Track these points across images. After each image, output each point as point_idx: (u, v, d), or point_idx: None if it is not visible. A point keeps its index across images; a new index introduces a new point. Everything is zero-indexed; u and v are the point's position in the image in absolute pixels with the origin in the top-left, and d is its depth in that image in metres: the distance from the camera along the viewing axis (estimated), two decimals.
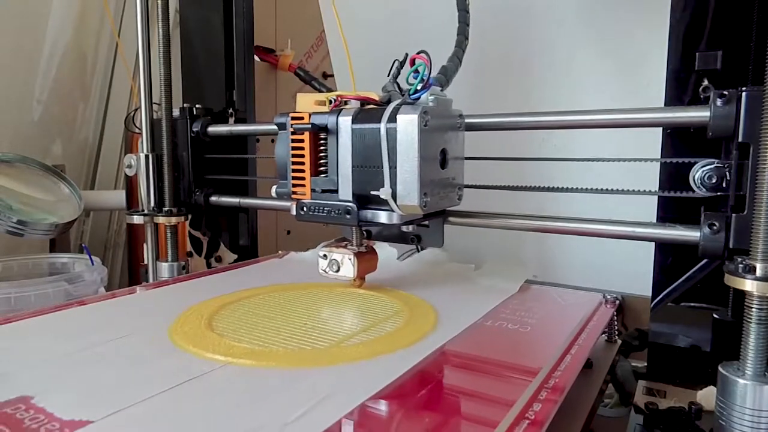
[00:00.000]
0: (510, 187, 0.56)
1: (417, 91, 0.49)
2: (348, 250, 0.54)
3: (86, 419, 0.30)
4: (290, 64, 1.07)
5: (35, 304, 0.73)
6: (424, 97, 0.49)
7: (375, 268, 0.57)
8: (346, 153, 0.50)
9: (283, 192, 0.55)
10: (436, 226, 0.58)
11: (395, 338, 0.43)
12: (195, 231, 0.88)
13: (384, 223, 0.51)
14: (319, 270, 0.56)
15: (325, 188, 0.52)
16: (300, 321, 0.47)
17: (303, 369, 0.38)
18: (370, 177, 0.49)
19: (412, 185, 0.47)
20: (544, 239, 0.78)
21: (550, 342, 0.44)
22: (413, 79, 0.49)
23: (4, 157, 0.92)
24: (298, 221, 0.54)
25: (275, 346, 0.41)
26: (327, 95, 0.52)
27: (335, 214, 0.51)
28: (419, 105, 0.48)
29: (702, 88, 0.44)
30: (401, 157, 0.47)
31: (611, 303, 0.55)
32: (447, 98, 0.53)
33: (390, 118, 0.48)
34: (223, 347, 0.40)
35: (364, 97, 0.51)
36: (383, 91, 0.53)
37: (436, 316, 0.48)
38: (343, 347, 0.41)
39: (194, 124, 0.76)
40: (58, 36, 1.18)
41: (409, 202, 0.48)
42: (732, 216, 0.41)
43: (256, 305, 0.52)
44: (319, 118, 0.51)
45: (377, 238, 0.60)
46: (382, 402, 0.33)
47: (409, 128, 0.47)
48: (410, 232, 0.57)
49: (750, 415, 0.34)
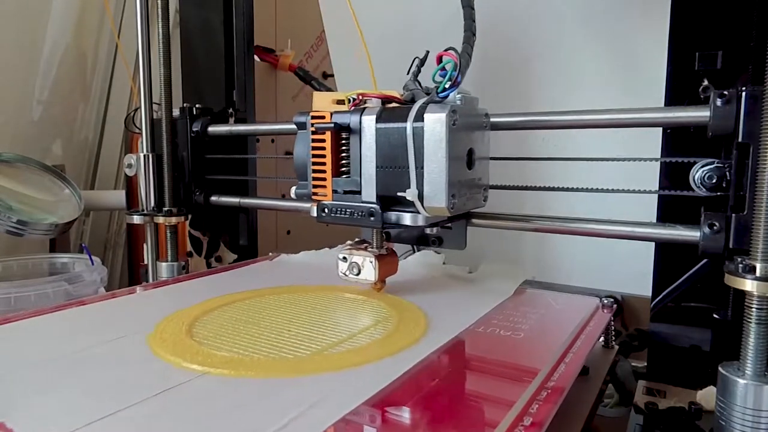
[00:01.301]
0: (510, 187, 0.56)
1: (445, 90, 0.47)
2: (369, 253, 0.53)
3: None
4: (290, 64, 1.07)
5: (35, 304, 0.73)
6: (452, 95, 0.48)
7: (396, 270, 0.56)
8: (369, 153, 0.49)
9: (303, 193, 0.53)
10: (458, 228, 0.56)
11: (382, 346, 0.41)
12: (195, 231, 0.88)
13: (408, 225, 0.49)
14: (338, 273, 0.54)
15: (347, 189, 0.50)
16: (284, 327, 0.45)
17: (284, 379, 0.36)
18: (395, 178, 0.48)
19: (439, 186, 0.46)
20: (544, 239, 0.78)
21: (544, 349, 0.42)
22: (440, 77, 0.48)
23: (4, 157, 0.92)
24: (318, 222, 0.53)
25: (256, 354, 0.39)
26: (346, 93, 0.51)
27: (358, 216, 0.50)
28: (447, 103, 0.47)
29: (702, 88, 0.44)
30: (428, 157, 0.46)
31: (608, 307, 0.53)
32: (474, 97, 0.51)
33: (416, 117, 0.46)
34: (201, 356, 0.38)
35: (387, 96, 0.49)
36: (405, 90, 0.51)
37: (426, 322, 0.46)
38: (327, 355, 0.39)
39: (194, 124, 0.76)
40: (58, 36, 1.18)
41: (436, 204, 0.46)
42: (732, 216, 0.41)
43: (239, 310, 0.49)
44: (341, 117, 0.49)
45: (396, 240, 0.59)
46: (367, 413, 0.31)
47: (436, 127, 0.45)
48: (433, 234, 0.55)
49: (750, 415, 0.34)
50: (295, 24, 1.13)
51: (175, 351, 0.39)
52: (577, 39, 0.71)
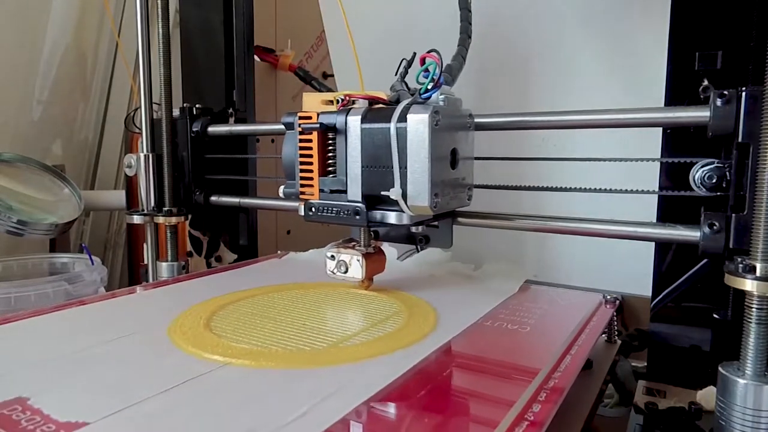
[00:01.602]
0: (510, 187, 0.56)
1: (428, 91, 0.48)
2: (356, 251, 0.54)
3: (83, 421, 0.29)
4: (290, 64, 1.07)
5: (35, 304, 0.73)
6: (435, 96, 0.49)
7: (383, 269, 0.57)
8: (355, 153, 0.49)
9: (291, 192, 0.54)
10: (445, 227, 0.57)
11: (395, 339, 0.43)
12: (195, 231, 0.88)
13: (393, 224, 0.50)
14: (326, 271, 0.55)
15: (333, 188, 0.51)
16: (299, 321, 0.47)
17: (301, 369, 0.37)
18: (380, 177, 0.49)
19: (422, 186, 0.47)
20: (544, 239, 0.78)
21: (550, 342, 0.44)
22: (423, 78, 0.48)
23: (4, 157, 0.92)
24: (305, 221, 0.54)
25: (274, 347, 0.41)
26: (334, 94, 0.51)
27: (344, 215, 0.51)
28: (430, 104, 0.47)
29: (702, 88, 0.44)
30: (411, 157, 0.47)
31: (611, 303, 0.55)
32: (457, 98, 0.52)
33: (400, 118, 0.47)
34: (221, 348, 0.40)
35: (372, 97, 0.50)
36: (391, 91, 0.52)
37: (435, 316, 0.48)
38: (342, 348, 0.41)
39: (194, 124, 0.76)
40: (58, 36, 1.18)
41: (419, 203, 0.47)
42: (732, 216, 0.41)
43: (254, 306, 0.51)
44: (328, 117, 0.50)
45: (384, 238, 0.60)
46: (381, 403, 0.33)
47: (419, 128, 0.46)
48: (419, 232, 0.56)
49: (750, 415, 0.34)
50: (295, 24, 1.13)
51: (196, 343, 0.41)
52: (577, 39, 0.71)
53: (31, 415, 0.30)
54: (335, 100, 0.51)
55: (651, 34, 0.64)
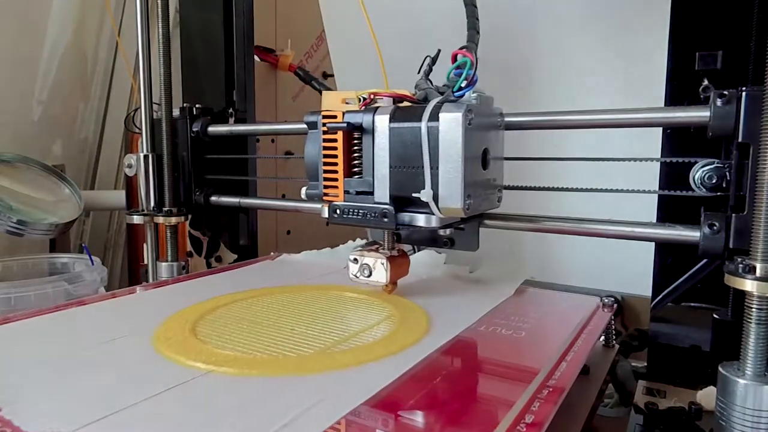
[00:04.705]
0: (510, 187, 0.56)
1: (461, 89, 0.47)
2: (380, 254, 0.52)
3: (56, 431, 0.28)
4: (290, 64, 1.08)
5: (35, 304, 0.73)
6: (467, 94, 0.47)
7: (407, 272, 0.55)
8: (382, 153, 0.48)
9: (314, 194, 0.52)
10: (471, 229, 0.55)
11: (385, 345, 0.41)
12: (195, 231, 0.88)
13: (422, 226, 0.48)
14: (349, 275, 0.53)
15: (359, 190, 0.49)
16: (287, 326, 0.45)
17: (287, 377, 0.36)
18: (409, 178, 0.47)
19: (454, 187, 0.45)
20: (544, 239, 0.78)
21: (546, 348, 0.43)
22: (455, 76, 0.47)
23: (4, 157, 0.92)
24: (330, 224, 0.52)
25: (260, 353, 0.39)
26: (357, 93, 0.50)
27: (371, 217, 0.49)
28: (462, 103, 0.45)
29: (702, 88, 0.44)
30: (443, 157, 0.45)
31: (608, 307, 0.53)
32: (489, 96, 0.50)
33: (431, 117, 0.45)
34: (205, 354, 0.38)
35: (399, 95, 0.49)
36: (417, 89, 0.51)
37: (427, 321, 0.46)
38: (330, 354, 0.39)
39: (194, 124, 0.76)
40: (58, 36, 1.18)
41: (451, 205, 0.45)
42: (732, 216, 0.41)
43: (242, 309, 0.50)
44: (354, 116, 0.48)
45: (406, 241, 0.58)
46: (369, 412, 0.31)
47: (452, 127, 0.44)
48: (444, 235, 0.55)
49: (750, 415, 0.34)
50: (295, 24, 1.13)
51: (179, 350, 0.40)
52: (577, 39, 0.71)
53: (1, 426, 0.29)
54: (358, 99, 0.49)
55: (651, 35, 0.64)
